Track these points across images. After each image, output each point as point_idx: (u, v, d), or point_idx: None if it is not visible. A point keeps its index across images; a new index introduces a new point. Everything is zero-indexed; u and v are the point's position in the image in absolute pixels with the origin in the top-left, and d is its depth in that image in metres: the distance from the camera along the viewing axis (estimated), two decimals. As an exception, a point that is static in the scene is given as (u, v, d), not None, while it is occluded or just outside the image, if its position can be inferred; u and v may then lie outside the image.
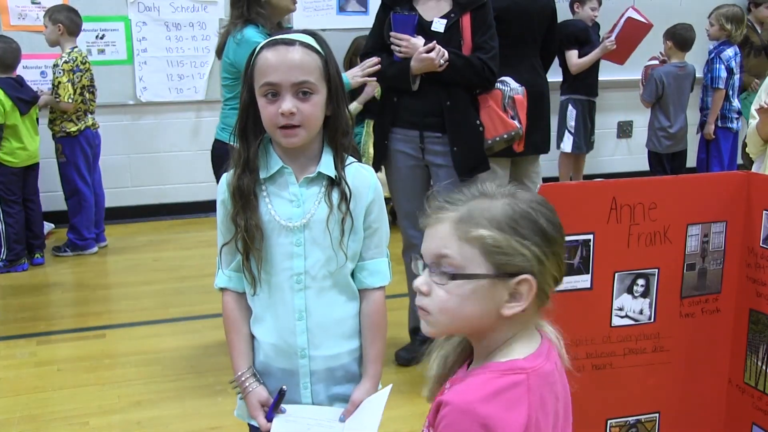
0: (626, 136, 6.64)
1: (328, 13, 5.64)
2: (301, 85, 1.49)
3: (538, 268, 1.06)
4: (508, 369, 1.07)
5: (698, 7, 6.43)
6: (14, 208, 4.52)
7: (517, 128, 3.00)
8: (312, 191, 1.56)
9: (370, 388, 1.62)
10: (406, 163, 3.02)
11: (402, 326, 3.35)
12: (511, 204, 1.08)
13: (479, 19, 2.88)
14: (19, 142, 4.48)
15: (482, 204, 1.09)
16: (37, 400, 3.00)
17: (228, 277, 1.64)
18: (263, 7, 2.92)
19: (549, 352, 1.13)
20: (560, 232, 1.11)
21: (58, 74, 4.54)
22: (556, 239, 1.09)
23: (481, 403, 1.03)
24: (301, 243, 1.55)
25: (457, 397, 1.06)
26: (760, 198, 1.89)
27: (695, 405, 2.01)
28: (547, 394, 1.09)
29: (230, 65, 2.99)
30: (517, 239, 1.06)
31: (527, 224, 1.07)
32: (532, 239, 1.06)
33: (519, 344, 1.11)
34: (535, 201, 1.10)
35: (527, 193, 1.12)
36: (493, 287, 1.07)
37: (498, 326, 1.10)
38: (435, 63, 2.80)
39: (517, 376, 1.06)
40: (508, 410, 1.04)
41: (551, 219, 1.10)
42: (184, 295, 4.07)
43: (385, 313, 1.66)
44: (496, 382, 1.06)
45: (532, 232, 1.06)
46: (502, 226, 1.06)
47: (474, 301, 1.07)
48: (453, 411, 1.05)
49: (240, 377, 1.62)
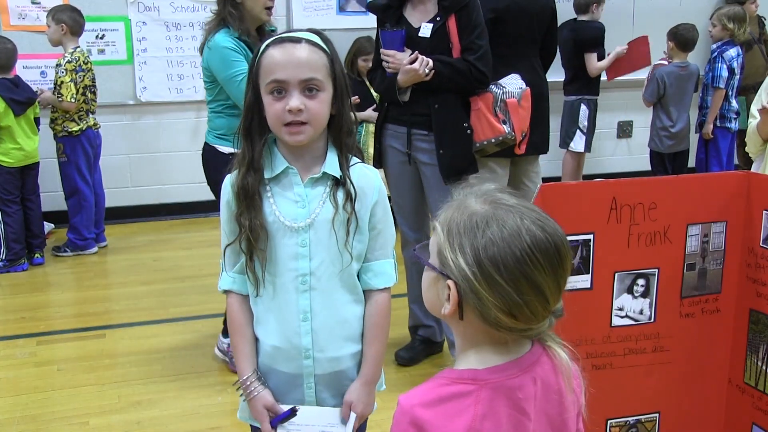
0: (626, 136, 6.64)
1: (328, 13, 5.64)
2: (309, 82, 1.49)
3: (465, 285, 1.04)
4: (459, 378, 1.08)
5: (698, 7, 6.44)
6: (12, 208, 4.53)
7: (505, 133, 2.97)
8: (317, 191, 1.56)
9: (362, 389, 1.60)
10: (396, 159, 3.04)
11: (402, 326, 3.35)
12: (473, 213, 1.06)
13: (464, 20, 2.88)
14: (13, 143, 4.48)
15: (465, 202, 1.09)
16: (37, 400, 3.00)
17: (232, 280, 1.62)
18: (236, 7, 2.89)
19: (531, 367, 1.10)
20: (506, 263, 1.02)
21: (61, 74, 4.54)
22: (489, 266, 1.02)
23: (422, 407, 1.05)
24: (306, 244, 1.55)
25: (405, 398, 1.08)
26: (760, 198, 1.89)
27: (695, 405, 2.01)
28: (502, 407, 1.07)
29: (206, 69, 2.97)
30: (451, 247, 1.05)
31: (468, 239, 1.04)
32: (466, 255, 1.04)
33: (479, 354, 1.10)
34: (504, 225, 1.04)
35: (507, 212, 1.06)
36: (436, 282, 1.10)
37: (453, 327, 1.13)
38: (420, 73, 2.82)
39: (466, 386, 1.06)
40: (448, 419, 1.05)
41: (501, 245, 1.03)
42: (184, 295, 4.07)
43: (388, 315, 1.65)
44: (443, 389, 1.07)
45: (472, 249, 1.04)
46: (449, 229, 1.07)
47: (428, 286, 1.13)
48: (398, 410, 1.07)
49: (245, 381, 1.61)
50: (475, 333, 1.09)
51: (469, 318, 1.07)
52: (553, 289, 1.06)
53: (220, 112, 3.02)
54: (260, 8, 2.94)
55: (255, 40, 2.95)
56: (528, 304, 1.04)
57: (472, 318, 1.06)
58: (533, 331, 1.08)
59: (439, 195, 2.97)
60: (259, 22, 3.00)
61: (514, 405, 1.08)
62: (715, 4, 6.48)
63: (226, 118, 3.01)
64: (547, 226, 1.06)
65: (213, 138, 3.05)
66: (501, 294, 1.03)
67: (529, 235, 1.03)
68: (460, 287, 1.04)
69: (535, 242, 1.03)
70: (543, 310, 1.06)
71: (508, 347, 1.10)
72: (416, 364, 3.24)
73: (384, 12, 3.00)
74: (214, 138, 3.05)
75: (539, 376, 1.11)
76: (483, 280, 1.03)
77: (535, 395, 1.10)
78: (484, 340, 1.09)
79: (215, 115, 3.05)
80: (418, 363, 3.26)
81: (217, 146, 3.03)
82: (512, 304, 1.03)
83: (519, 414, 1.08)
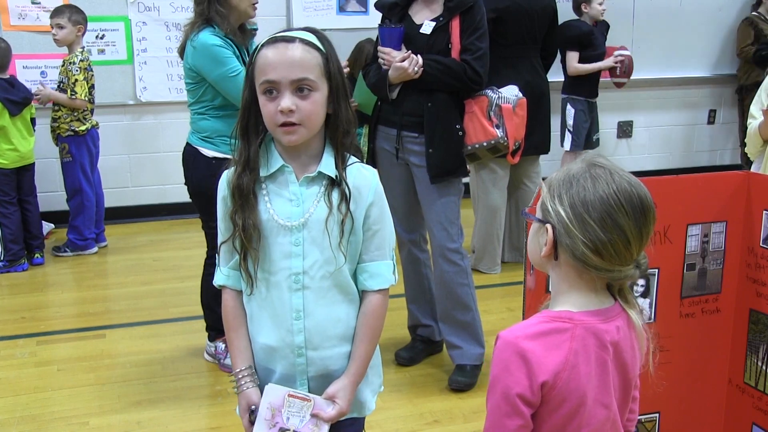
0: (626, 136, 6.64)
1: (328, 13, 5.64)
2: (300, 82, 1.48)
3: (560, 225, 1.23)
4: (557, 317, 1.25)
5: (698, 8, 6.44)
6: (9, 209, 4.52)
7: (497, 137, 2.97)
8: (312, 191, 1.56)
9: (347, 384, 1.59)
10: (388, 161, 3.04)
11: (402, 326, 3.35)
12: (571, 170, 1.26)
13: (467, 22, 2.89)
14: (8, 144, 4.46)
15: (570, 166, 1.28)
16: (37, 400, 3.00)
17: (227, 275, 1.62)
18: (223, 5, 2.86)
19: (614, 318, 1.27)
20: (594, 204, 1.21)
21: (75, 72, 4.54)
22: (580, 207, 1.22)
23: (525, 339, 1.22)
24: (299, 243, 1.55)
25: (507, 332, 1.24)
26: (760, 198, 1.89)
27: (695, 405, 2.01)
28: (592, 346, 1.24)
29: (190, 70, 2.93)
30: (551, 198, 1.25)
31: (566, 189, 1.24)
32: (563, 202, 1.23)
33: (573, 299, 1.27)
34: (597, 178, 1.23)
35: (601, 169, 1.24)
36: (538, 229, 1.30)
37: (551, 272, 1.30)
38: (409, 71, 2.83)
39: (563, 324, 1.24)
40: (548, 350, 1.22)
41: (591, 190, 1.22)
42: (184, 295, 4.07)
43: (382, 317, 1.63)
44: (543, 325, 1.25)
45: (568, 196, 1.23)
46: (551, 185, 1.28)
47: (532, 237, 1.33)
48: (501, 343, 1.24)
49: (237, 374, 1.61)
50: (567, 274, 1.27)
51: (562, 258, 1.25)
52: (636, 234, 1.23)
53: (203, 114, 2.98)
54: (247, 3, 2.92)
55: (240, 39, 2.94)
56: (611, 242, 1.21)
57: (564, 258, 1.25)
58: (616, 274, 1.24)
59: (432, 196, 2.97)
60: (246, 18, 2.97)
61: (601, 345, 1.25)
62: (714, 4, 6.49)
63: (210, 120, 2.97)
64: (633, 181, 1.25)
65: (197, 140, 3.01)
66: (588, 231, 1.21)
67: (616, 184, 1.23)
68: (556, 229, 1.24)
69: (620, 190, 1.22)
70: (625, 252, 1.23)
71: (597, 296, 1.28)
72: (416, 364, 3.25)
73: (390, 10, 3.00)
74: (197, 140, 3.00)
75: (621, 327, 1.28)
76: (574, 219, 1.22)
77: (617, 342, 1.27)
78: (577, 284, 1.27)
79: (199, 117, 3.00)
80: (418, 363, 3.26)
81: (200, 148, 2.99)
82: (597, 241, 1.21)
83: (605, 354, 1.25)
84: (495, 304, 3.95)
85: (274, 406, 1.57)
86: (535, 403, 1.22)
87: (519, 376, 1.21)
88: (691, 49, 6.52)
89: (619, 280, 1.27)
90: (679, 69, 6.53)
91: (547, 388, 1.21)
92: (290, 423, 1.56)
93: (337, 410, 1.57)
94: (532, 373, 1.20)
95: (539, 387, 1.21)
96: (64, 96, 4.57)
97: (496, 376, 1.23)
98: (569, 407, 1.23)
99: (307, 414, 1.57)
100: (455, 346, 3.07)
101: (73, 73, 4.55)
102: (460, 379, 3.02)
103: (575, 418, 1.24)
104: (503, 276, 4.42)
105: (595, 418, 1.26)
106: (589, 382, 1.24)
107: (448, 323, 3.07)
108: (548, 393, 1.22)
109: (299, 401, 1.57)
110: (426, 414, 2.84)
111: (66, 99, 4.57)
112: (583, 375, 1.23)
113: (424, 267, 3.22)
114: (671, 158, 6.81)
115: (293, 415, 1.57)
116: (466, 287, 3.03)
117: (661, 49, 6.40)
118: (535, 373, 1.20)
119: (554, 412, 1.23)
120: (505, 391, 1.21)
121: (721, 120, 6.89)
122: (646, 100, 6.57)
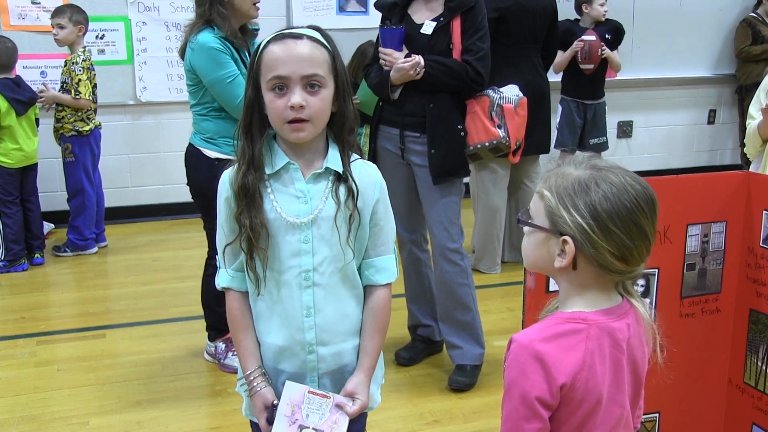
0: (626, 136, 6.64)
1: (328, 13, 5.64)
2: (311, 78, 1.48)
3: (583, 237, 1.21)
4: (571, 318, 1.25)
5: (698, 8, 6.45)
6: (11, 209, 4.52)
7: (499, 137, 2.97)
8: (319, 187, 1.56)
9: (363, 379, 1.60)
10: (390, 161, 3.04)
11: (402, 326, 3.35)
12: (579, 177, 1.23)
13: (469, 22, 2.88)
14: (14, 143, 4.47)
15: (565, 170, 1.25)
16: (37, 400, 3.00)
17: (231, 277, 1.61)
18: (225, 7, 2.85)
19: (625, 315, 1.28)
20: (619, 213, 1.20)
21: (78, 72, 4.55)
22: (605, 218, 1.20)
23: (540, 342, 1.22)
24: (309, 240, 1.54)
25: (522, 336, 1.25)
26: (760, 198, 1.89)
27: (695, 405, 2.01)
28: (607, 345, 1.25)
29: (190, 71, 2.93)
30: (565, 207, 1.22)
31: (582, 198, 1.21)
32: (580, 211, 1.21)
33: (586, 299, 1.27)
34: (605, 180, 1.22)
35: (611, 172, 1.23)
36: (547, 239, 1.26)
37: (563, 278, 1.28)
38: (410, 73, 2.83)
39: (578, 325, 1.24)
40: (564, 352, 1.22)
41: (613, 199, 1.20)
42: (184, 295, 4.07)
43: (389, 311, 1.65)
44: (557, 327, 1.24)
45: (583, 204, 1.21)
46: (559, 193, 1.23)
47: (536, 247, 1.29)
48: (517, 346, 1.23)
49: (248, 376, 1.60)
50: (584, 280, 1.26)
51: (581, 266, 1.24)
52: (653, 233, 1.25)
53: (205, 115, 2.98)
54: (249, 4, 2.91)
55: (241, 41, 2.93)
56: (637, 248, 1.23)
57: (583, 266, 1.24)
58: (635, 273, 1.26)
59: (433, 196, 2.97)
60: (247, 19, 2.97)
61: (615, 344, 1.26)
62: (714, 4, 6.49)
63: (212, 121, 2.96)
64: (641, 180, 1.26)
65: (199, 140, 3.00)
66: (615, 241, 1.21)
67: (633, 189, 1.22)
68: (577, 240, 1.21)
69: (638, 194, 1.22)
70: (646, 253, 1.25)
71: (608, 294, 1.28)
72: (416, 364, 3.25)
73: (390, 10, 3.00)
74: (200, 141, 3.00)
75: (631, 324, 1.29)
76: (599, 231, 1.20)
77: (629, 339, 1.28)
78: (592, 286, 1.26)
79: (201, 118, 2.99)
80: (418, 363, 3.26)
81: (202, 149, 2.98)
82: (624, 248, 1.21)
83: (618, 352, 1.26)
84: (495, 304, 3.95)
85: (294, 402, 1.57)
86: (554, 405, 1.22)
87: (536, 379, 1.20)
88: (691, 49, 6.52)
89: (635, 279, 1.29)
90: (679, 69, 6.54)
91: (566, 389, 1.21)
92: (309, 420, 1.56)
93: (359, 405, 1.58)
94: (550, 376, 1.20)
95: (558, 389, 1.21)
96: (68, 96, 4.57)
97: (513, 379, 1.22)
98: (587, 408, 1.23)
99: (326, 411, 1.57)
100: (455, 346, 3.07)
101: (76, 73, 4.56)
102: (460, 379, 3.02)
103: (591, 418, 1.24)
104: (503, 276, 4.42)
105: (611, 416, 1.27)
106: (605, 382, 1.25)
107: (449, 323, 3.07)
108: (567, 394, 1.22)
109: (318, 398, 1.57)
110: (426, 414, 2.84)
111: (70, 99, 4.57)
112: (599, 375, 1.23)
113: (424, 267, 3.22)
114: (671, 158, 6.81)
115: (313, 412, 1.57)
116: (466, 287, 3.03)
117: (661, 49, 6.40)
118: (553, 375, 1.20)
119: (572, 415, 1.23)
120: (523, 395, 1.21)
121: (721, 120, 6.89)
122: (646, 100, 6.57)
